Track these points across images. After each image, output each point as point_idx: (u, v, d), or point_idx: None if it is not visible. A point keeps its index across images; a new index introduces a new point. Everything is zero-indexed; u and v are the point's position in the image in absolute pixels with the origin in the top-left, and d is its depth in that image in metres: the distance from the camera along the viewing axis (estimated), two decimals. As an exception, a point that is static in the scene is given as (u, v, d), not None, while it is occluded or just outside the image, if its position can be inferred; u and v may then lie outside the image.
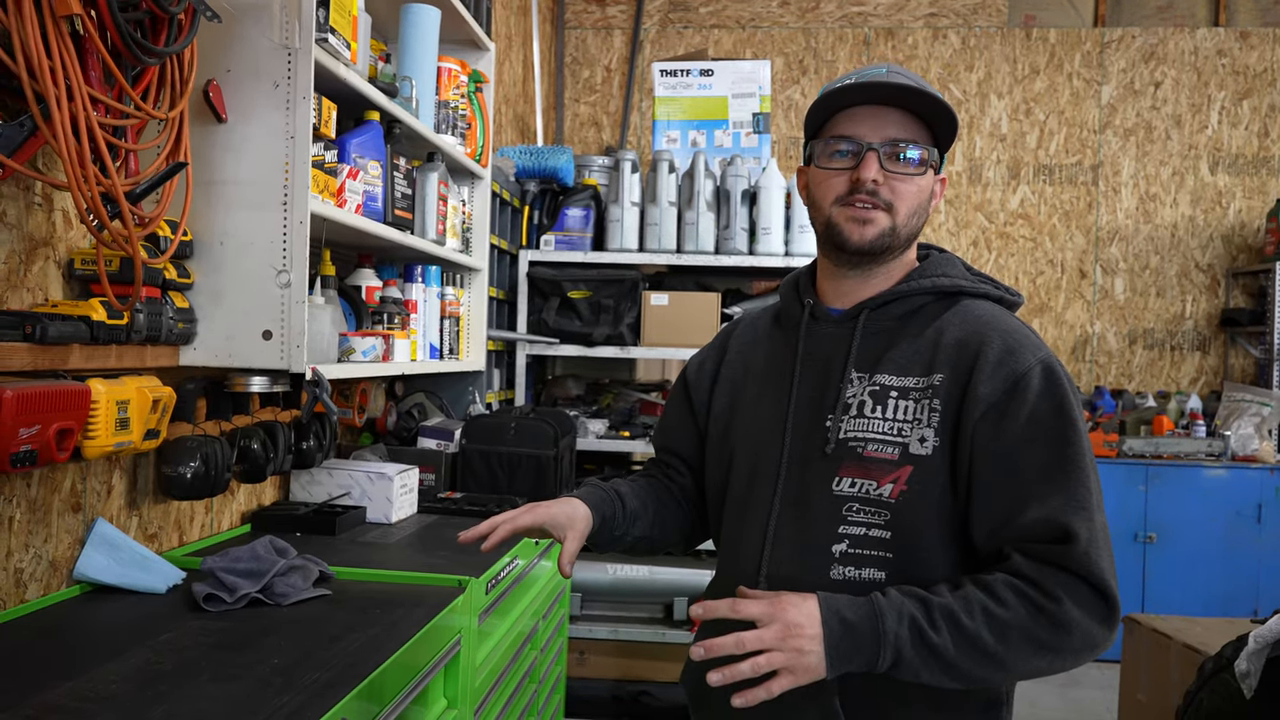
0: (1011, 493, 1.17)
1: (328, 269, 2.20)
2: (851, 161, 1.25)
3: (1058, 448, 1.17)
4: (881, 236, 1.25)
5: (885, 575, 1.20)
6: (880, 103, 1.25)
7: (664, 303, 3.59)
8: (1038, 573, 1.13)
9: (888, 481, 1.21)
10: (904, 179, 1.24)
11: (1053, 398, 1.19)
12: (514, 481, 2.70)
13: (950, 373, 1.22)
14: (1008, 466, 1.18)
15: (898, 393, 1.24)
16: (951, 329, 1.25)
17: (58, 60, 1.25)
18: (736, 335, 1.47)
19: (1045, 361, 1.21)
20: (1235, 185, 5.22)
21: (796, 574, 1.24)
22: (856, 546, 1.22)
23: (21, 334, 1.39)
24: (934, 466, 1.20)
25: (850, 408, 1.25)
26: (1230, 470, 4.55)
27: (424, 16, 2.47)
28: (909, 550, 1.20)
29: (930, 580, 1.19)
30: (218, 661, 1.35)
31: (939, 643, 1.10)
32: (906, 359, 1.26)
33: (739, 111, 3.99)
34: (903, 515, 1.20)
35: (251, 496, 2.27)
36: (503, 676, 2.10)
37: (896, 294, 1.29)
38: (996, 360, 1.20)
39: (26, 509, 1.54)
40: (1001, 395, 1.19)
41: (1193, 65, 5.22)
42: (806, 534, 1.25)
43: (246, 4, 1.75)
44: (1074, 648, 1.13)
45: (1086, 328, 5.29)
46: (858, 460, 1.22)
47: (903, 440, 1.22)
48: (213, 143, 1.77)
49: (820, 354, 1.31)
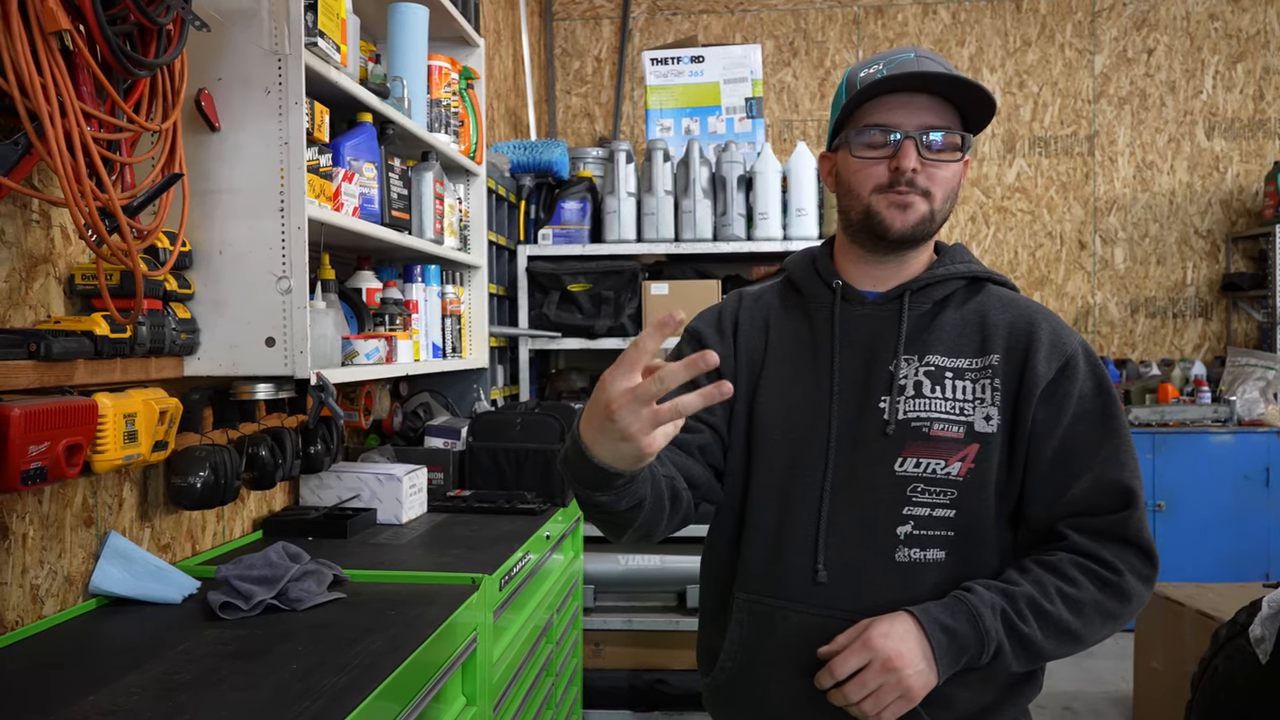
0: (1067, 467, 1.23)
1: (327, 273, 2.20)
2: (888, 150, 1.25)
3: (1107, 421, 1.24)
4: (922, 223, 1.26)
5: (945, 554, 1.22)
6: (915, 89, 1.24)
7: (664, 292, 3.59)
8: (1098, 548, 1.19)
9: (956, 460, 1.23)
10: (939, 165, 1.25)
11: (1096, 377, 1.26)
12: (522, 477, 2.70)
13: (1005, 354, 1.26)
14: (1064, 442, 1.23)
15: (953, 373, 1.26)
16: (995, 312, 1.30)
17: (49, 77, 1.25)
18: (744, 308, 1.42)
19: (1084, 344, 1.29)
20: (1232, 150, 5.20)
21: (859, 559, 1.24)
22: (921, 528, 1.23)
23: (26, 352, 1.39)
24: (996, 444, 1.23)
25: (905, 388, 1.26)
26: (1237, 435, 4.55)
27: (412, 15, 2.46)
28: (970, 529, 1.23)
29: (987, 559, 1.23)
30: (236, 670, 1.35)
31: (1028, 632, 1.16)
32: (954, 340, 1.28)
33: (731, 97, 3.98)
34: (968, 493, 1.22)
35: (262, 503, 2.28)
36: (520, 671, 2.11)
37: (936, 278, 1.31)
38: (1050, 342, 1.26)
39: (39, 525, 1.55)
40: (1056, 374, 1.24)
41: (1185, 30, 5.20)
42: (867, 518, 1.24)
43: (234, 11, 1.74)
44: (1132, 612, 1.21)
45: (1088, 299, 5.28)
46: (924, 440, 1.23)
47: (966, 419, 1.24)
48: (207, 152, 1.77)
49: (860, 335, 1.31)
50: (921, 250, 1.33)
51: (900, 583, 1.22)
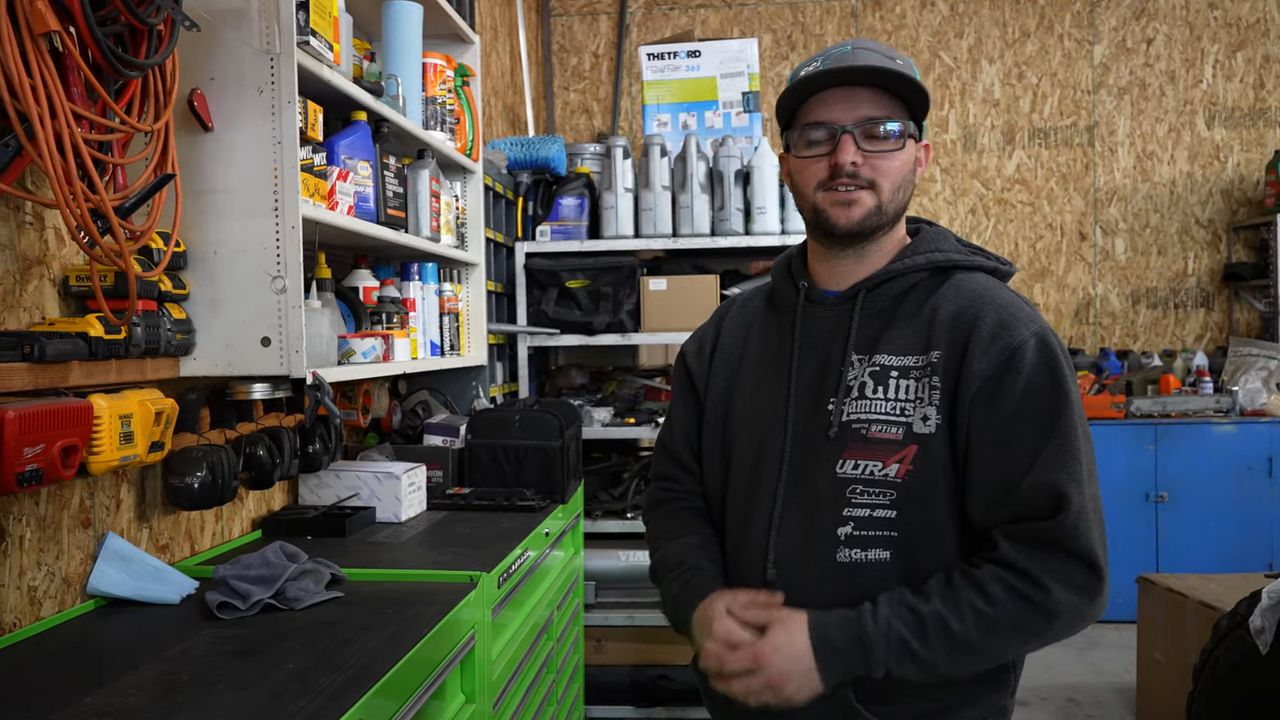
0: (1004, 466, 1.18)
1: (323, 272, 2.20)
2: (828, 147, 1.24)
3: (1050, 419, 1.18)
4: (868, 216, 1.25)
5: (890, 554, 1.21)
6: (849, 83, 1.24)
7: (663, 287, 3.58)
8: (1026, 560, 1.14)
9: (893, 462, 1.21)
10: (884, 155, 1.24)
11: (1047, 370, 1.19)
12: (521, 474, 2.70)
13: (946, 349, 1.22)
14: (1001, 440, 1.18)
15: (898, 372, 1.24)
16: (946, 304, 1.25)
17: (38, 78, 1.25)
18: (729, 317, 1.46)
19: (1039, 334, 1.21)
20: (1233, 139, 5.18)
21: (803, 559, 1.25)
22: (862, 528, 1.22)
23: (20, 354, 1.39)
24: (937, 444, 1.21)
25: (852, 390, 1.25)
26: (1239, 425, 4.54)
27: (406, 13, 2.46)
28: (915, 529, 1.21)
29: (937, 559, 1.21)
30: (234, 669, 1.36)
31: (926, 655, 1.15)
32: (904, 338, 1.26)
33: (728, 91, 3.97)
34: (908, 495, 1.20)
35: (260, 502, 2.28)
36: (520, 668, 2.11)
37: (891, 273, 1.29)
38: (991, 335, 1.20)
39: (36, 527, 1.55)
40: (996, 369, 1.19)
41: (1184, 19, 5.18)
42: (811, 519, 1.25)
43: (225, 11, 1.74)
44: (1059, 630, 1.16)
45: (1089, 290, 5.27)
46: (862, 442, 1.22)
47: (905, 420, 1.22)
48: (200, 152, 1.77)
49: (818, 337, 1.31)
50: (885, 242, 1.30)
51: (843, 582, 1.21)
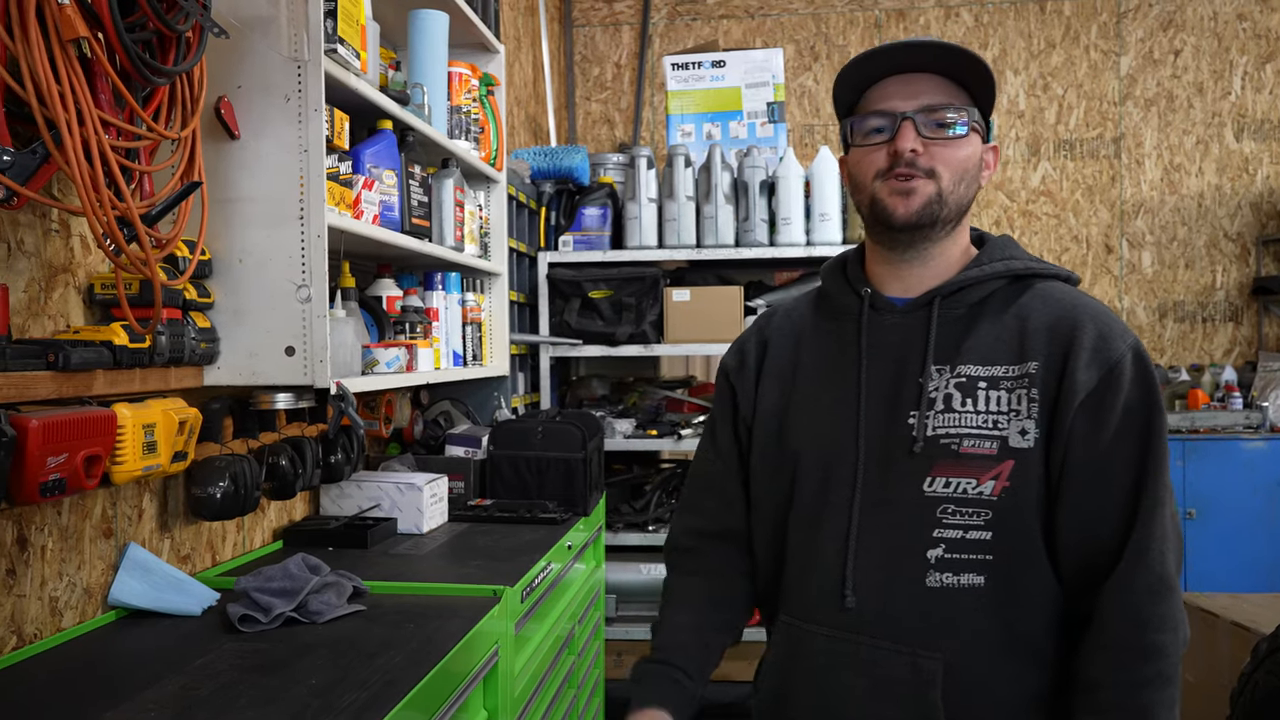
0: (1102, 490, 1.14)
1: (347, 281, 2.19)
2: (888, 135, 1.19)
3: (1146, 440, 1.14)
4: (928, 205, 1.19)
5: (984, 579, 1.14)
6: (909, 70, 1.19)
7: (686, 298, 3.56)
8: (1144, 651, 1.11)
9: (989, 478, 1.14)
10: (946, 144, 1.18)
11: (1142, 385, 1.15)
12: (544, 486, 2.67)
13: (1044, 360, 1.16)
14: (1101, 459, 1.14)
15: (986, 383, 1.17)
16: (1037, 314, 1.20)
17: (66, 85, 1.24)
18: (774, 327, 1.38)
19: (1135, 347, 1.17)
20: (1262, 151, 5.11)
21: (888, 585, 1.17)
22: (954, 551, 1.15)
23: (45, 362, 1.38)
24: (1035, 460, 1.14)
25: (935, 402, 1.18)
26: (1270, 441, 4.46)
27: (432, 21, 2.45)
28: (1011, 553, 1.14)
29: (1034, 585, 1.15)
30: (255, 685, 1.33)
31: None
32: (989, 347, 1.19)
33: (753, 102, 3.95)
34: (1005, 514, 1.14)
35: (282, 513, 2.27)
36: (542, 684, 2.08)
37: (969, 280, 1.22)
38: (1093, 346, 1.15)
39: (58, 537, 1.54)
40: (1099, 383, 1.14)
41: (1212, 31, 5.12)
42: (896, 541, 1.17)
43: (254, 18, 1.73)
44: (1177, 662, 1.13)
45: (1115, 303, 5.20)
46: (953, 458, 1.16)
47: (1000, 433, 1.15)
48: (227, 160, 1.76)
49: (887, 346, 1.24)
50: (945, 243, 1.24)
51: (933, 610, 1.15)
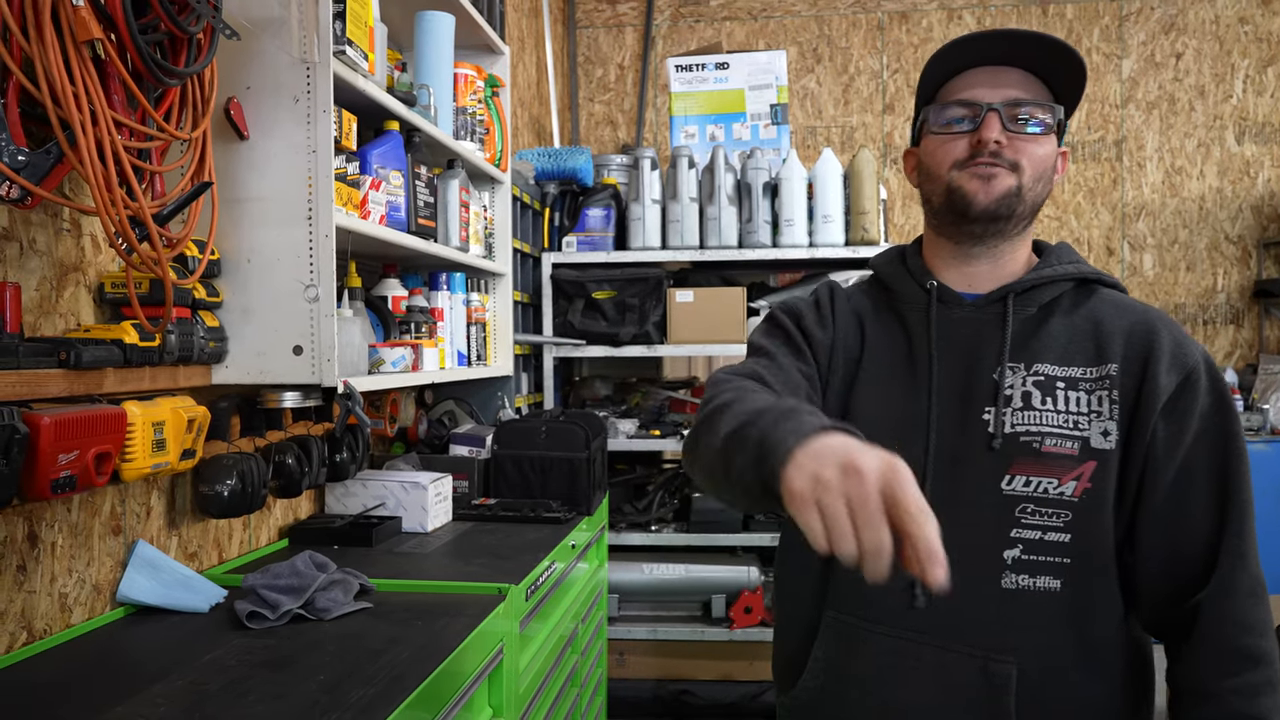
0: (1186, 494, 1.14)
1: (354, 281, 2.20)
2: (970, 126, 1.17)
3: (1226, 443, 1.14)
4: (1008, 195, 1.17)
5: (1061, 584, 1.13)
6: (997, 62, 1.18)
7: (689, 299, 3.57)
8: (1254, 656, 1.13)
9: (1070, 479, 1.13)
10: (1029, 140, 1.17)
11: (1216, 391, 1.16)
12: (547, 485, 2.69)
13: (1123, 363, 1.16)
14: (1184, 464, 1.14)
15: (1064, 383, 1.16)
16: (1110, 318, 1.20)
17: (80, 85, 1.25)
18: (839, 302, 1.31)
19: (1205, 355, 1.18)
20: (1263, 154, 5.13)
21: (960, 586, 1.13)
22: (1031, 552, 1.13)
23: (56, 360, 1.39)
24: (1114, 462, 1.14)
25: (1012, 399, 1.17)
26: (1271, 444, 4.45)
27: (438, 23, 2.46)
28: (1089, 556, 1.14)
29: (1108, 591, 1.15)
30: (263, 680, 1.34)
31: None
32: (1064, 348, 1.18)
33: (756, 103, 3.96)
34: (1085, 516, 1.13)
35: (288, 511, 2.28)
36: (545, 682, 2.10)
37: (1042, 279, 1.21)
38: (1171, 352, 1.16)
39: (68, 534, 1.55)
40: (1178, 388, 1.15)
41: (1214, 34, 5.13)
42: (971, 539, 1.13)
43: (264, 20, 1.75)
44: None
45: (1116, 306, 5.21)
46: (1034, 456, 1.14)
47: (1082, 434, 1.14)
48: (236, 160, 1.77)
49: (958, 341, 1.21)
50: (1020, 245, 1.23)
51: (1008, 612, 1.13)
